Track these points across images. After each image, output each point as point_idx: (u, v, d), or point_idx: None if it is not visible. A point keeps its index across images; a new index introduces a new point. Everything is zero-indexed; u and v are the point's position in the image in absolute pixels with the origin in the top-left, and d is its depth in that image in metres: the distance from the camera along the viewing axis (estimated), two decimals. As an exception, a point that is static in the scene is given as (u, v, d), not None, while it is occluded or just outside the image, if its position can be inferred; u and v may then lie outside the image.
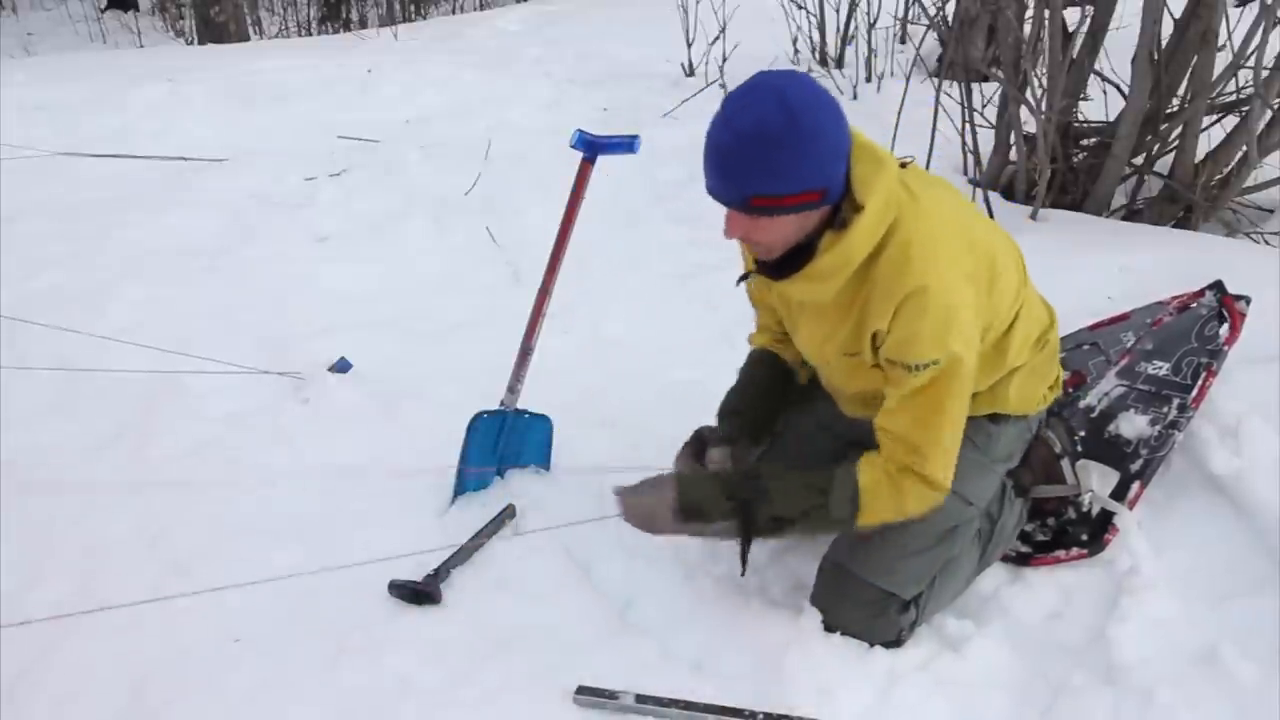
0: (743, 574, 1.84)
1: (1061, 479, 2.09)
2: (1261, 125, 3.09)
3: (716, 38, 5.26)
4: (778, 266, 1.63)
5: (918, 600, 1.82)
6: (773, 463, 1.87)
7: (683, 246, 3.43)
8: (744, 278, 1.79)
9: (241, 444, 2.48)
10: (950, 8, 4.18)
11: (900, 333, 1.57)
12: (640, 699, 1.71)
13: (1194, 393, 2.10)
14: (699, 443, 1.89)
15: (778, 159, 1.45)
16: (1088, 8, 3.45)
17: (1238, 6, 3.68)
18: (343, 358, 2.80)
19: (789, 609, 1.90)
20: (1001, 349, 1.73)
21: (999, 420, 1.85)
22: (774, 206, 1.50)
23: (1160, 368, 2.18)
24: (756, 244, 1.60)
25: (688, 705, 1.71)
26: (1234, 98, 3.32)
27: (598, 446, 2.36)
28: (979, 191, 3.38)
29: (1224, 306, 2.23)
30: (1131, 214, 3.50)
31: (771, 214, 1.51)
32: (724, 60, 5.19)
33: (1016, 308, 1.73)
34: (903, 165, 1.65)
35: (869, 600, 1.80)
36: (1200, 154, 3.28)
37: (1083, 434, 2.15)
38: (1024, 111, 3.42)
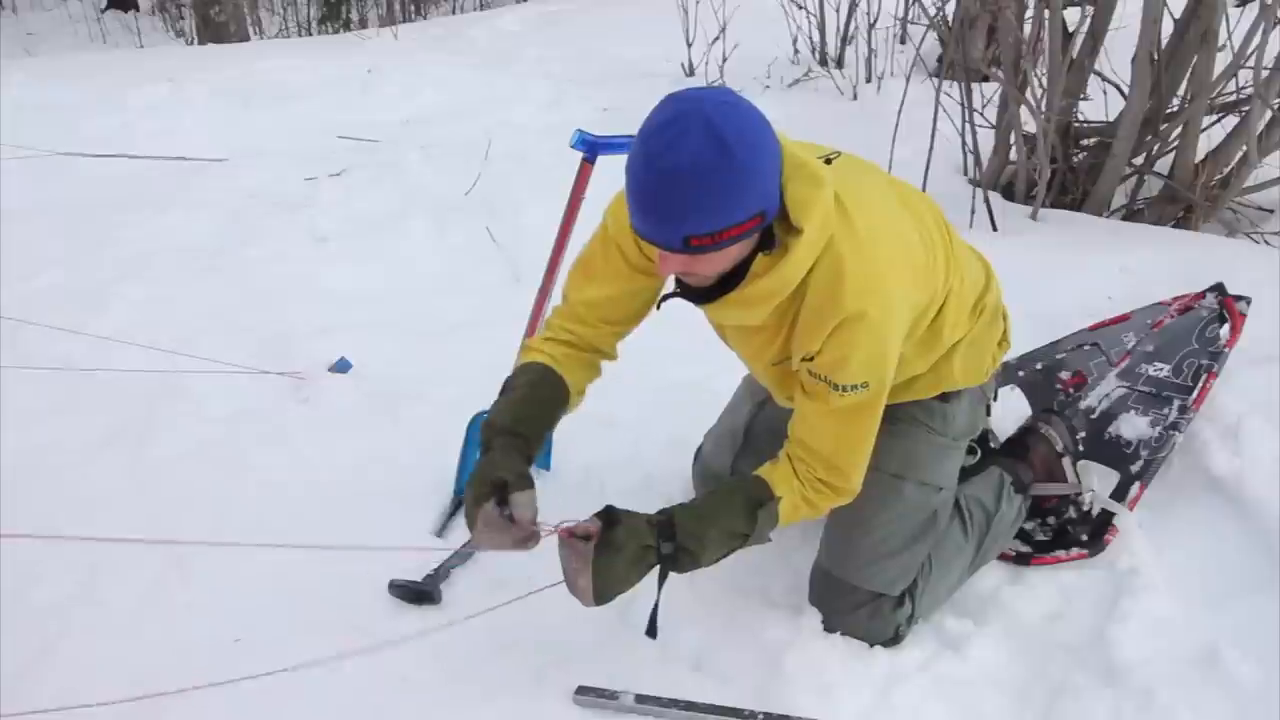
0: (654, 636, 1.63)
1: (1062, 477, 2.09)
2: (1261, 125, 3.09)
3: (716, 38, 5.27)
4: (703, 289, 1.51)
5: (912, 594, 1.82)
6: (687, 510, 1.59)
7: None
8: (665, 299, 1.63)
9: (241, 444, 2.48)
10: (950, 8, 4.18)
11: (832, 354, 1.49)
12: (640, 699, 1.71)
13: (1194, 394, 2.11)
14: (499, 490, 1.56)
15: (715, 196, 1.32)
16: (1088, 8, 3.45)
17: (1238, 6, 3.69)
18: (343, 358, 2.80)
19: (789, 609, 1.90)
20: (936, 329, 1.67)
21: (949, 398, 1.81)
22: (714, 244, 1.37)
23: (1161, 369, 2.19)
24: (694, 275, 1.49)
25: (688, 705, 1.71)
26: (1234, 98, 3.32)
27: (598, 446, 2.36)
28: (979, 191, 3.38)
29: (1225, 308, 2.24)
30: (1131, 214, 3.51)
31: (712, 250, 1.38)
32: (724, 60, 5.20)
33: (948, 287, 1.65)
34: (828, 161, 1.55)
35: (860, 602, 1.80)
36: (1200, 154, 3.28)
37: (1083, 434, 2.15)
38: (1024, 111, 3.42)
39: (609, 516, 1.54)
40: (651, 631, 1.63)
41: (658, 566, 1.56)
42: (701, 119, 1.31)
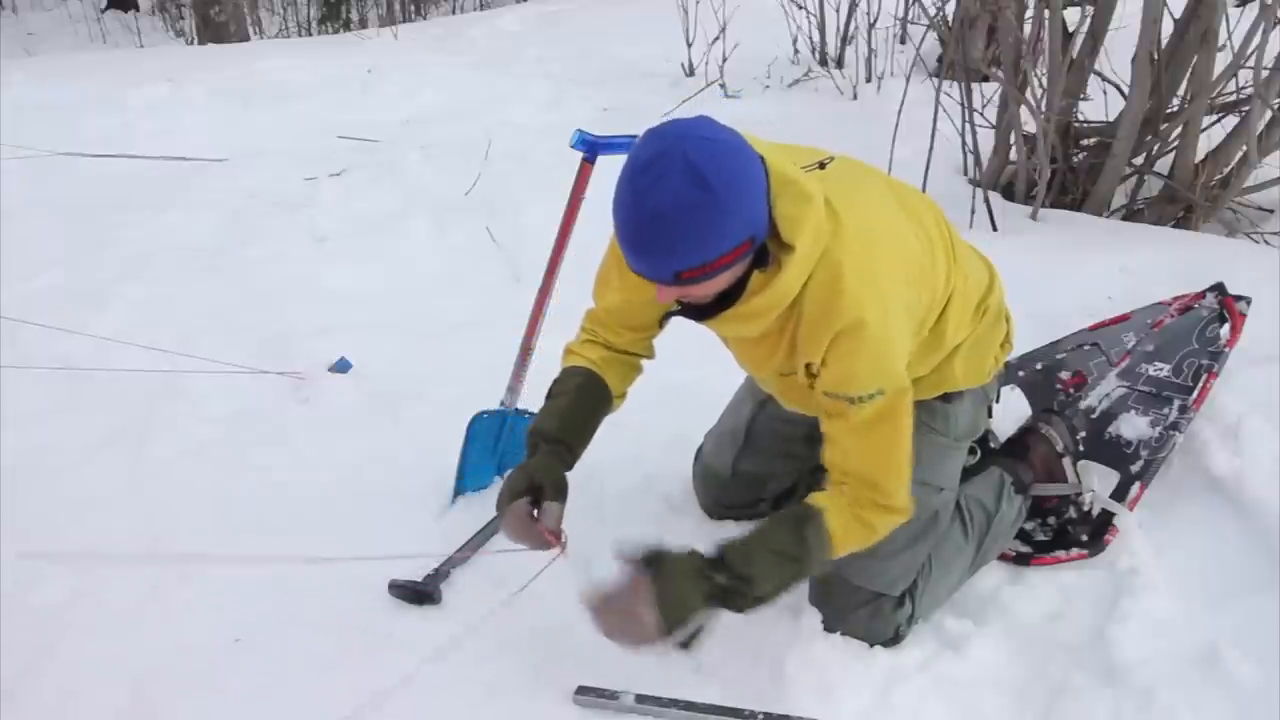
0: (686, 649, 1.59)
1: (1063, 477, 2.09)
2: (1261, 125, 3.09)
3: (716, 38, 5.27)
4: (702, 306, 1.53)
5: (912, 594, 1.82)
6: (734, 540, 1.58)
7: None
8: (667, 316, 1.66)
9: (241, 444, 2.48)
10: (950, 8, 4.18)
11: (838, 368, 1.50)
12: (640, 699, 1.71)
13: (1195, 394, 2.10)
14: (535, 492, 1.67)
15: (701, 232, 1.35)
16: (1088, 8, 3.45)
17: (1238, 6, 3.69)
18: (343, 358, 2.80)
19: (789, 609, 1.89)
20: (939, 332, 1.67)
21: (952, 398, 1.81)
22: (705, 274, 1.39)
23: (1161, 369, 2.19)
24: (692, 297, 1.51)
25: (688, 705, 1.71)
26: (1234, 98, 3.32)
27: (599, 446, 2.35)
28: (979, 191, 3.38)
29: (1225, 308, 2.23)
30: (1131, 214, 3.51)
31: (704, 280, 1.41)
32: (724, 60, 5.20)
33: (951, 286, 1.66)
34: (823, 165, 1.56)
35: (861, 602, 1.80)
36: (1200, 154, 3.28)
37: (1083, 434, 2.15)
38: (1024, 111, 3.42)
39: (649, 553, 1.55)
40: (685, 645, 1.57)
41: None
42: (681, 158, 1.33)
